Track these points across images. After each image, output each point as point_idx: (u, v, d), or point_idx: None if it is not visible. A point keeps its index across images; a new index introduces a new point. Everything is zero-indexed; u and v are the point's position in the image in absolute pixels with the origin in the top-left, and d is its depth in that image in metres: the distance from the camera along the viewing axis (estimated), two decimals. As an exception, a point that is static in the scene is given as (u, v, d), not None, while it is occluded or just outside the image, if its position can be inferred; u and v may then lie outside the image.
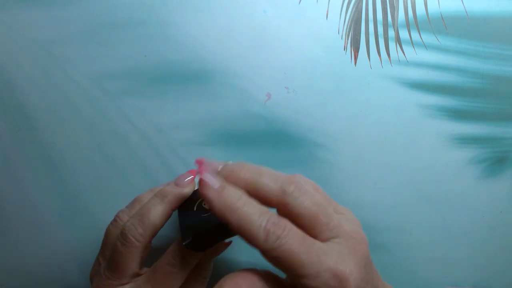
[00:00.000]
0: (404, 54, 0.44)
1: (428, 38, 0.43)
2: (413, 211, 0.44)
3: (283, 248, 0.23)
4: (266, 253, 0.23)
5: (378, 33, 0.44)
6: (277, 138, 0.43)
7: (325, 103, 0.44)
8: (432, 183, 0.44)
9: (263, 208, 0.25)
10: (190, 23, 0.43)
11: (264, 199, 0.25)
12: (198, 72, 0.42)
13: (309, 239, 0.24)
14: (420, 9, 0.43)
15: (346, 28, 0.43)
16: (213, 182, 0.24)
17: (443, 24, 0.43)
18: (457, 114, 0.44)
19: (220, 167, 0.26)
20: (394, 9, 0.43)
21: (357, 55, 0.44)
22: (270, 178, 0.25)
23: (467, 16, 0.43)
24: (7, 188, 0.44)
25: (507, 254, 0.45)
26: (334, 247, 0.25)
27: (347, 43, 0.44)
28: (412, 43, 0.44)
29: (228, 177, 0.25)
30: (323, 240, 0.25)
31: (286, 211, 0.25)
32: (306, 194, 0.25)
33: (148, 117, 0.43)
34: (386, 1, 0.43)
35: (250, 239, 0.24)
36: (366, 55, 0.44)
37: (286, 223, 0.24)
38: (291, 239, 0.23)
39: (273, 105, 0.43)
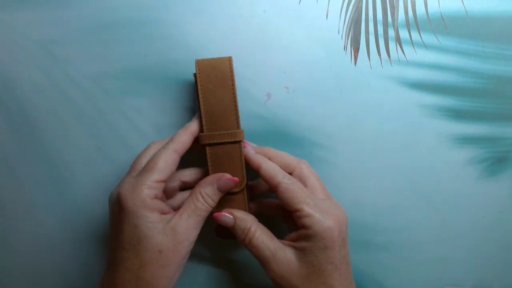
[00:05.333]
0: (404, 54, 0.44)
1: (428, 38, 0.44)
2: (413, 211, 0.44)
3: (293, 185, 0.35)
4: (281, 185, 0.35)
5: (378, 33, 0.44)
6: (277, 138, 0.43)
7: (325, 103, 0.44)
8: (432, 183, 0.44)
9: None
10: (190, 23, 0.43)
11: (285, 164, 0.38)
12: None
13: (308, 190, 0.36)
14: (420, 9, 0.43)
15: (346, 28, 0.43)
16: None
17: (443, 24, 0.43)
18: (457, 114, 0.44)
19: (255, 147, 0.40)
20: (394, 9, 0.43)
21: (357, 55, 0.44)
22: (289, 156, 0.39)
23: (467, 16, 0.43)
24: (7, 188, 0.44)
25: (507, 254, 0.45)
26: (326, 201, 0.36)
27: (347, 43, 0.44)
28: (412, 43, 0.44)
29: (261, 152, 0.39)
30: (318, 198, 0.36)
31: (299, 173, 0.38)
32: (313, 170, 0.39)
33: (148, 117, 0.43)
34: (386, 1, 0.43)
35: (272, 177, 0.36)
36: (366, 55, 0.44)
37: (295, 179, 0.37)
38: (298, 183, 0.36)
39: (273, 105, 0.43)
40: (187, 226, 0.34)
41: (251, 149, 0.38)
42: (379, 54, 0.44)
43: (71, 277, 0.44)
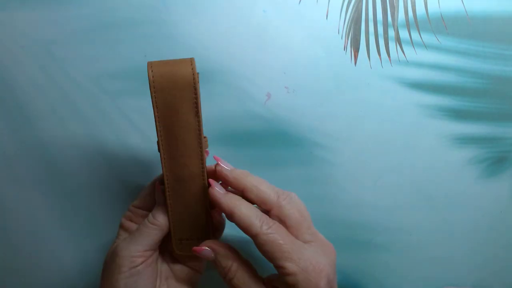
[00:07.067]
0: (404, 54, 0.44)
1: (428, 38, 0.43)
2: (413, 211, 0.44)
3: (274, 235, 0.30)
4: (260, 236, 0.30)
5: (378, 33, 0.44)
6: (277, 138, 0.43)
7: (325, 103, 0.44)
8: (432, 183, 0.44)
9: (258, 209, 0.32)
10: (190, 23, 0.43)
11: (262, 201, 0.32)
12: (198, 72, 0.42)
13: (292, 236, 0.31)
14: (420, 9, 0.43)
15: (346, 28, 0.43)
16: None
17: (443, 24, 0.43)
18: (457, 114, 0.44)
19: (230, 168, 0.34)
20: (394, 9, 0.43)
21: (357, 55, 0.44)
22: (269, 187, 0.33)
23: (467, 16, 0.43)
24: (7, 188, 0.44)
25: (507, 254, 0.45)
26: (312, 247, 0.31)
27: (347, 43, 0.44)
28: (412, 43, 0.44)
29: (236, 178, 0.33)
30: (303, 241, 0.32)
31: (277, 213, 0.32)
32: (296, 203, 0.33)
33: (148, 117, 0.43)
34: (386, 1, 0.43)
35: (248, 227, 0.30)
36: (366, 55, 0.44)
37: (275, 221, 0.32)
38: (279, 229, 0.31)
39: (273, 105, 0.43)
40: None
41: (220, 190, 0.32)
42: (379, 54, 0.44)
43: (71, 277, 0.44)
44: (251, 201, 0.33)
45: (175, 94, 0.30)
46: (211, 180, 0.33)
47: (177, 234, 0.35)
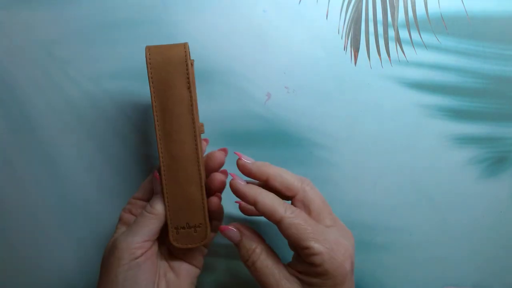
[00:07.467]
0: (404, 54, 0.44)
1: (428, 38, 0.43)
2: (413, 211, 0.44)
3: (298, 219, 0.31)
4: (285, 220, 0.31)
5: (378, 33, 0.44)
6: (277, 138, 0.43)
7: (325, 103, 0.44)
8: (432, 183, 0.44)
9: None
10: (190, 23, 0.43)
11: (287, 187, 0.34)
12: (198, 72, 0.42)
13: (314, 221, 0.33)
14: (420, 9, 0.43)
15: (346, 28, 0.43)
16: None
17: (443, 24, 0.43)
18: (457, 114, 0.44)
19: (251, 161, 0.35)
20: (394, 9, 0.43)
21: (357, 55, 0.44)
22: (291, 175, 0.35)
23: (467, 16, 0.43)
24: (7, 188, 0.44)
25: (507, 254, 0.45)
26: (333, 230, 0.33)
27: (347, 43, 0.44)
28: (412, 43, 0.44)
29: (259, 168, 0.34)
30: (325, 226, 0.33)
31: (302, 197, 0.34)
32: (317, 190, 0.35)
33: (148, 117, 0.43)
34: (386, 1, 0.43)
35: (272, 213, 0.32)
36: (366, 55, 0.44)
37: (297, 208, 0.33)
38: (302, 214, 0.32)
39: (273, 105, 0.43)
40: None
41: (241, 181, 0.33)
42: (379, 54, 0.44)
43: (71, 277, 0.44)
44: (275, 189, 0.34)
45: (169, 70, 0.33)
46: (232, 174, 0.35)
47: (174, 221, 0.35)
